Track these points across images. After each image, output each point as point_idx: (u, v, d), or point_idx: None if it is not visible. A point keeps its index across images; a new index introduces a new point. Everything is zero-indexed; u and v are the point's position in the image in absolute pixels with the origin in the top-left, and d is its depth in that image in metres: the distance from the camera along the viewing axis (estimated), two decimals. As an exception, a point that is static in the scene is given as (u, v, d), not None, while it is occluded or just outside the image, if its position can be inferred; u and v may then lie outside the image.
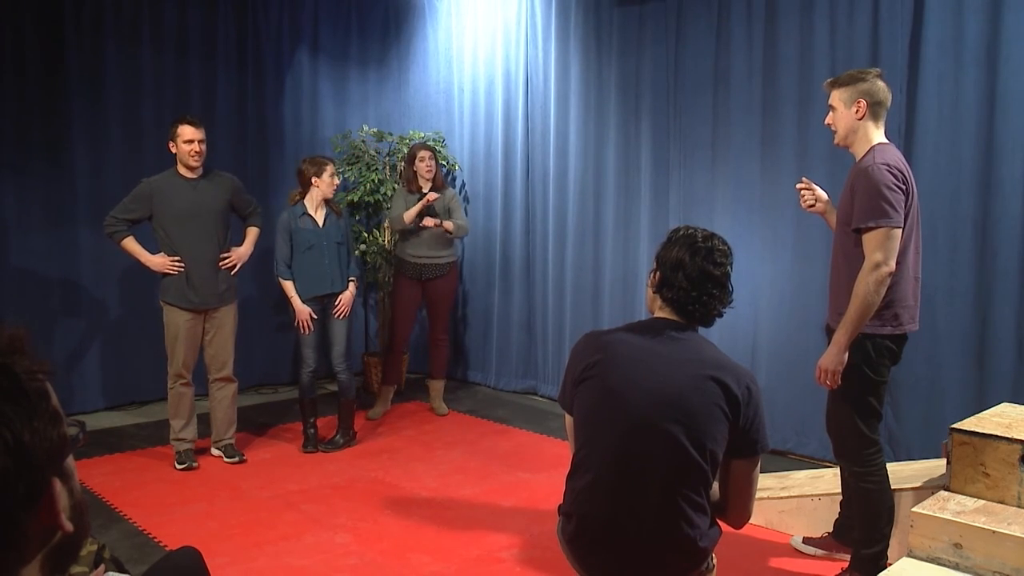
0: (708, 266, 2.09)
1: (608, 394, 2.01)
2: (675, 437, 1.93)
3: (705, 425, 1.95)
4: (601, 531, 2.02)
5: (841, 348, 2.77)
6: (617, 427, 1.98)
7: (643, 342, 2.07)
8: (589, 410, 2.06)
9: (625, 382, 2.00)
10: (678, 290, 2.09)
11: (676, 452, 1.94)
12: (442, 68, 6.49)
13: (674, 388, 1.97)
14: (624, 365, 2.02)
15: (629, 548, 1.99)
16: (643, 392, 1.97)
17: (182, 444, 4.36)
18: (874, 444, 2.89)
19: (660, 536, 1.97)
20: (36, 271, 5.11)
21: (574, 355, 2.14)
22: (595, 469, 2.02)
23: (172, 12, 5.54)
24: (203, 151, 4.24)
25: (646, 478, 1.96)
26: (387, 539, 3.49)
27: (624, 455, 1.98)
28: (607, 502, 2.00)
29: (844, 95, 2.87)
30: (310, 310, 4.58)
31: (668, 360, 2.02)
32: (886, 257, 2.68)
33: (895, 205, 2.69)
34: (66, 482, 0.85)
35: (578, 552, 2.09)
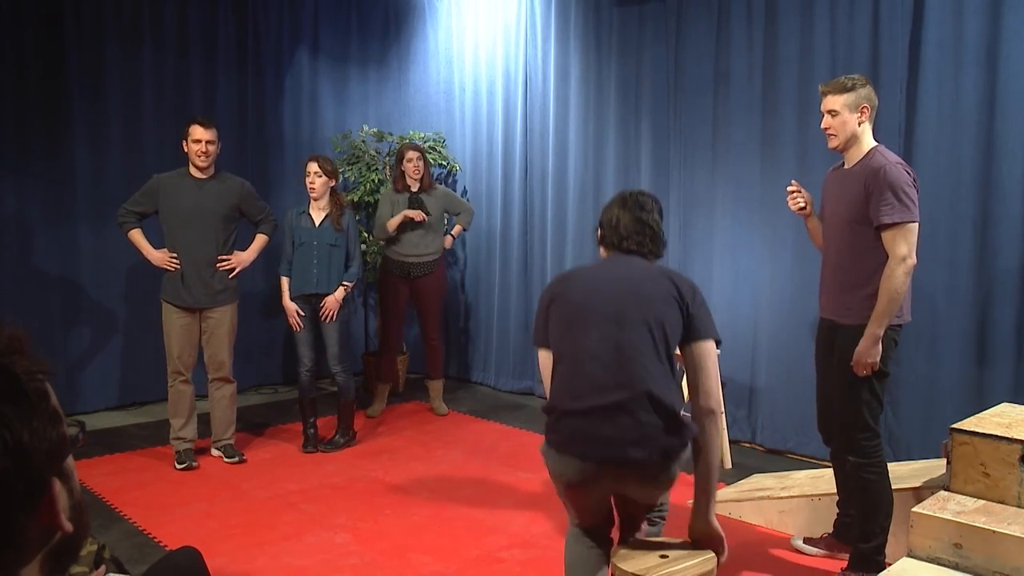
0: (638, 213, 2.50)
1: (574, 306, 2.34)
2: (645, 323, 2.26)
3: (662, 309, 2.29)
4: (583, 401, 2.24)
5: (876, 340, 2.88)
6: (590, 324, 2.29)
7: (598, 266, 2.49)
8: (562, 325, 2.35)
9: (588, 291, 2.36)
10: (614, 236, 2.48)
11: (644, 334, 2.25)
12: (442, 68, 6.49)
13: (633, 283, 2.34)
14: (584, 281, 2.40)
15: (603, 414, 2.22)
16: (606, 293, 2.33)
17: (182, 443, 4.36)
18: (876, 435, 2.96)
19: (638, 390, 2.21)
20: (36, 271, 5.11)
21: (541, 300, 2.48)
22: (577, 362, 2.28)
23: (172, 12, 5.54)
24: (211, 152, 4.24)
25: (626, 352, 2.24)
26: (387, 539, 3.49)
27: (601, 344, 2.25)
28: (584, 378, 2.25)
29: (848, 100, 2.94)
30: (296, 307, 4.59)
31: (624, 270, 2.41)
32: (910, 250, 2.83)
33: (914, 201, 2.84)
34: (66, 482, 0.85)
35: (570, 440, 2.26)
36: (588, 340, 2.28)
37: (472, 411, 5.55)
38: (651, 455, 2.21)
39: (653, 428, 2.21)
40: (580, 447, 2.25)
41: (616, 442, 2.21)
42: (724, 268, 4.85)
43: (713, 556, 2.43)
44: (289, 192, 6.06)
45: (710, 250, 4.91)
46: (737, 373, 4.77)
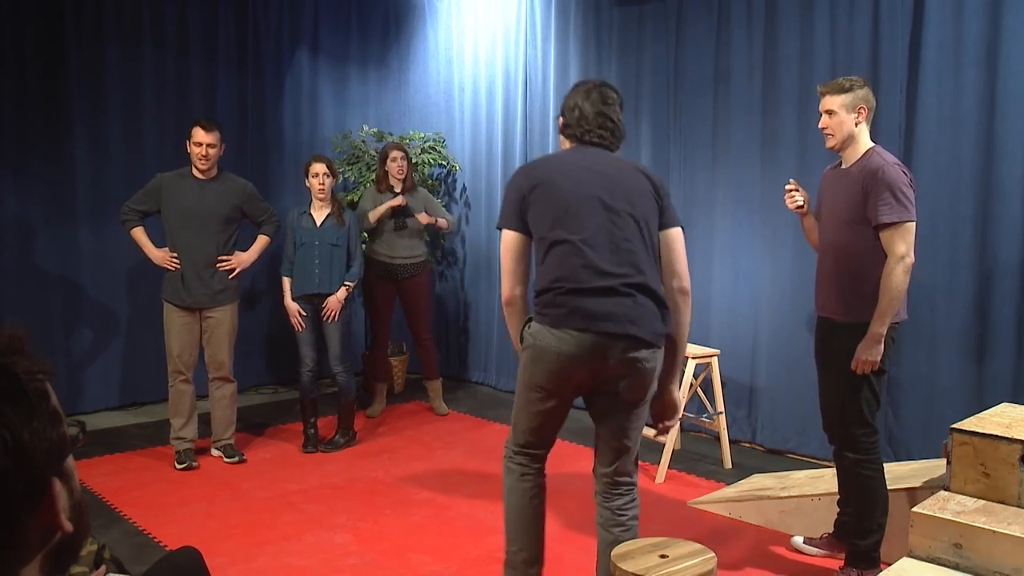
0: (600, 106, 2.55)
1: (565, 193, 2.41)
2: (631, 214, 2.42)
3: (643, 203, 2.46)
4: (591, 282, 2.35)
5: (878, 339, 2.90)
6: (584, 213, 2.39)
7: (572, 156, 2.53)
8: (552, 213, 2.41)
9: (574, 180, 2.43)
10: (578, 128, 2.55)
11: (635, 223, 2.42)
12: (442, 68, 6.49)
13: (614, 176, 2.45)
14: (566, 170, 2.46)
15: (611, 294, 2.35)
16: (592, 184, 2.42)
17: (182, 443, 4.36)
18: (874, 432, 2.99)
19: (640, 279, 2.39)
20: (36, 271, 5.11)
21: (510, 187, 2.52)
22: (576, 248, 2.37)
23: (172, 12, 5.54)
24: (211, 155, 4.24)
25: (618, 239, 2.38)
26: (387, 539, 3.49)
27: (598, 233, 2.38)
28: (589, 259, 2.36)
29: (846, 101, 2.97)
30: (298, 307, 4.59)
31: (601, 161, 2.50)
32: (908, 249, 2.87)
33: (911, 200, 2.87)
34: (66, 482, 0.85)
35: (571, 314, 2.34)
36: (584, 229, 2.37)
37: (472, 411, 5.55)
38: (645, 333, 2.36)
39: (648, 311, 2.38)
40: (581, 321, 2.32)
41: (617, 318, 2.32)
42: (724, 268, 4.85)
43: (713, 556, 2.43)
44: (289, 192, 6.06)
45: (710, 250, 4.91)
46: (737, 373, 4.77)
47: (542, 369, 2.40)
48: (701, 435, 4.91)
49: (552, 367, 2.37)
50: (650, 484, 4.16)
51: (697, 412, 4.58)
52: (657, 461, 4.28)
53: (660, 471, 4.21)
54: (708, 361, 4.41)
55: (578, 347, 2.32)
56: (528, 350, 2.42)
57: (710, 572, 2.40)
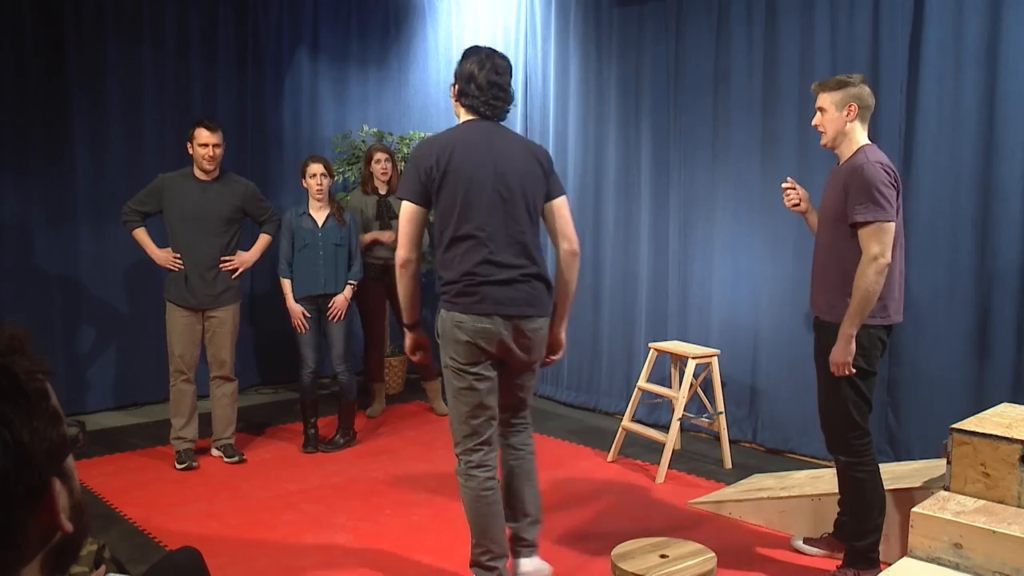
0: (493, 76, 2.80)
1: (469, 184, 2.67)
2: (523, 201, 2.74)
3: (533, 187, 2.78)
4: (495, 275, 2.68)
5: (849, 340, 2.88)
6: (485, 208, 2.68)
7: (473, 138, 2.73)
8: (459, 205, 2.67)
9: (477, 168, 2.68)
10: (473, 97, 2.78)
11: (529, 212, 2.76)
12: (442, 68, 6.49)
13: (509, 162, 2.73)
14: (469, 158, 2.68)
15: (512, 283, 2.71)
16: (492, 174, 2.69)
17: (182, 443, 4.37)
18: (866, 434, 2.98)
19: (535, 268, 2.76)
20: (36, 271, 5.11)
21: (417, 163, 2.71)
22: (481, 243, 2.68)
23: (172, 12, 5.54)
24: (218, 155, 4.26)
25: (514, 232, 2.72)
26: (387, 539, 3.49)
27: (499, 228, 2.69)
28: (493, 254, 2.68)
29: (835, 98, 2.96)
30: (302, 309, 4.59)
31: (499, 145, 2.75)
32: (883, 250, 2.82)
33: (889, 200, 2.83)
34: (66, 482, 0.85)
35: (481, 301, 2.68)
36: (487, 225, 2.69)
37: (472, 411, 5.54)
38: (539, 310, 2.78)
39: (540, 292, 2.79)
40: (490, 306, 2.68)
41: (518, 302, 2.72)
42: (724, 268, 4.85)
43: (713, 556, 2.45)
44: (289, 192, 6.06)
45: (710, 250, 4.91)
46: (737, 373, 4.77)
47: (464, 350, 2.70)
48: (701, 435, 4.91)
49: (472, 346, 2.70)
50: (650, 484, 4.16)
51: (697, 412, 4.58)
52: (657, 461, 4.28)
53: (660, 471, 4.21)
54: (708, 361, 4.41)
55: (491, 325, 2.68)
56: (447, 335, 2.72)
57: (710, 572, 2.40)
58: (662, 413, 5.04)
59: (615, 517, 3.74)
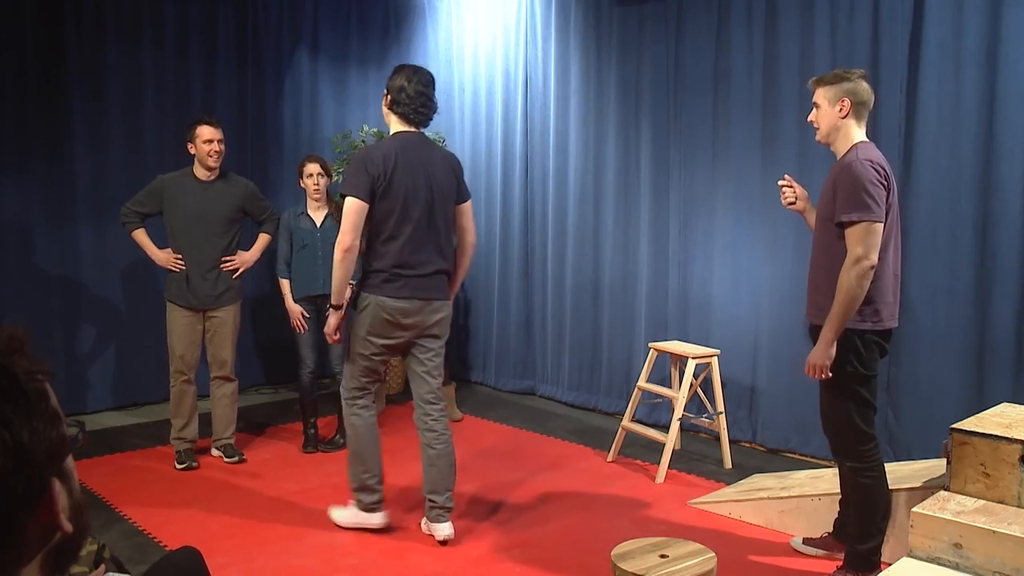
0: (420, 87, 3.31)
1: (406, 192, 3.24)
2: (444, 209, 3.36)
3: (449, 196, 3.39)
4: (417, 270, 3.29)
5: (828, 343, 2.84)
6: (416, 214, 3.26)
7: (416, 155, 3.28)
8: (396, 206, 3.23)
9: (412, 177, 3.25)
10: (404, 106, 3.31)
11: (445, 217, 3.37)
12: (442, 68, 6.49)
13: (433, 175, 3.31)
14: (405, 168, 3.23)
15: (428, 276, 3.32)
16: (422, 186, 3.27)
17: (182, 443, 4.37)
18: (871, 439, 2.94)
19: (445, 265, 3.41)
20: (36, 271, 5.11)
21: (365, 168, 3.20)
22: (409, 242, 3.26)
23: (172, 12, 5.54)
24: (222, 151, 4.28)
25: (433, 235, 3.32)
26: (387, 539, 3.49)
27: (426, 232, 3.29)
28: (418, 250, 3.28)
29: (828, 93, 2.94)
30: (301, 309, 4.59)
31: (425, 156, 3.31)
32: (867, 250, 2.75)
33: (877, 200, 2.75)
34: (65, 482, 0.85)
35: (404, 287, 3.28)
36: (417, 229, 3.27)
37: (472, 411, 5.55)
38: (445, 296, 3.42)
39: (444, 284, 3.42)
40: (410, 292, 3.28)
41: (431, 289, 3.34)
42: (724, 268, 4.85)
43: (713, 556, 2.44)
44: (289, 192, 6.06)
45: (710, 250, 4.91)
46: (737, 373, 4.77)
47: (382, 322, 3.29)
48: (701, 435, 4.91)
49: (391, 321, 3.29)
50: (650, 484, 4.16)
51: (697, 412, 4.58)
52: (657, 461, 4.28)
53: (660, 471, 4.21)
54: (708, 361, 4.41)
55: (409, 306, 3.29)
56: (369, 311, 3.28)
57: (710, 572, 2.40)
58: (662, 413, 5.04)
59: (615, 517, 3.74)
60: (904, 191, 3.90)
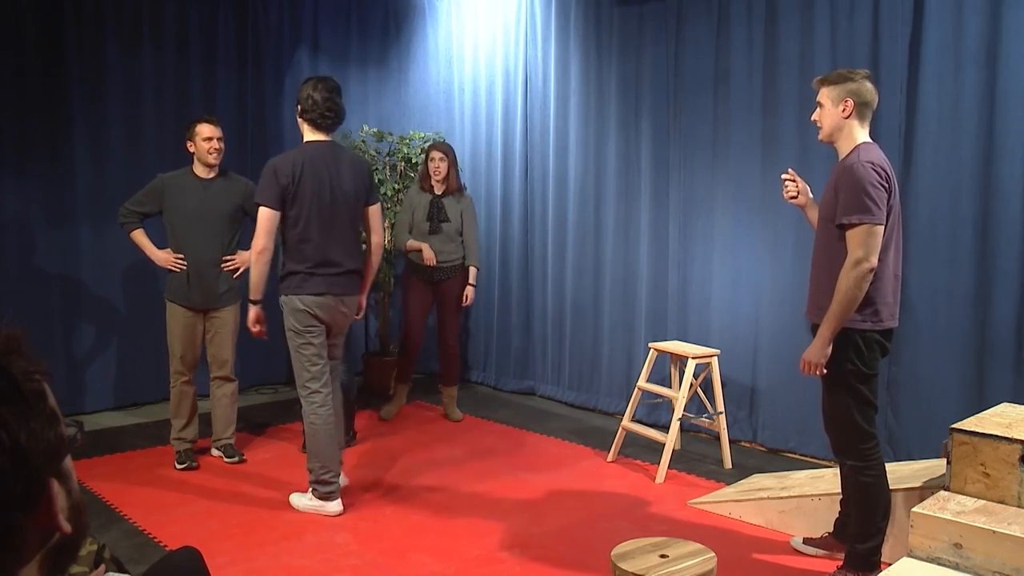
0: (327, 93, 3.58)
1: (313, 198, 3.55)
2: (351, 212, 3.68)
3: (359, 198, 3.71)
4: (329, 269, 3.61)
5: (825, 341, 2.86)
6: (325, 212, 3.57)
7: (322, 163, 3.58)
8: (304, 211, 3.55)
9: (321, 185, 3.56)
10: (312, 112, 3.58)
11: (352, 220, 3.70)
12: (442, 68, 6.49)
13: (350, 186, 3.64)
14: (316, 179, 3.55)
15: (340, 275, 3.65)
16: (332, 192, 3.58)
17: (182, 444, 4.36)
18: (872, 438, 2.95)
19: (355, 265, 3.73)
20: (36, 270, 5.11)
21: (274, 178, 3.51)
22: (317, 237, 3.57)
23: (172, 12, 5.54)
24: (222, 148, 4.29)
25: (342, 237, 3.64)
26: (387, 539, 3.49)
27: (331, 225, 3.60)
28: (328, 251, 3.60)
29: (832, 93, 2.94)
30: None
31: (333, 164, 3.60)
32: (867, 253, 2.76)
33: (878, 202, 2.76)
34: (64, 483, 0.84)
35: (320, 284, 3.60)
36: (327, 233, 3.58)
37: (472, 411, 5.55)
38: (353, 292, 3.74)
39: (355, 280, 3.74)
40: (326, 288, 3.61)
41: (343, 285, 3.67)
42: (724, 268, 4.85)
43: (713, 556, 2.44)
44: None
45: (710, 250, 4.91)
46: (737, 373, 4.77)
47: (306, 317, 3.62)
48: (701, 435, 4.90)
49: (314, 315, 3.63)
50: (650, 484, 4.16)
51: (697, 412, 4.58)
52: (657, 461, 4.28)
53: (660, 471, 4.21)
54: (708, 361, 4.41)
55: (324, 300, 3.62)
56: (293, 309, 3.63)
57: (710, 572, 2.40)
58: (662, 413, 5.04)
59: (615, 517, 3.74)
60: (904, 191, 3.90)
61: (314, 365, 3.68)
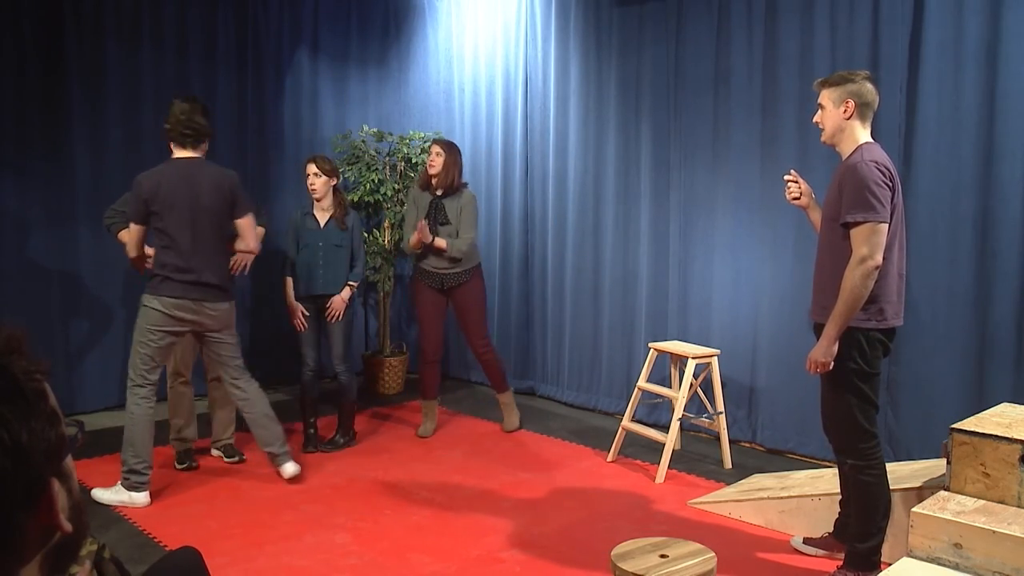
0: (185, 112, 3.82)
1: (172, 208, 3.78)
2: (213, 226, 3.87)
3: (221, 212, 3.89)
4: (188, 275, 3.82)
5: (831, 340, 2.86)
6: (185, 225, 3.80)
7: (183, 178, 3.81)
8: (163, 223, 3.78)
9: (178, 202, 3.79)
10: (172, 130, 3.85)
11: (212, 231, 3.87)
12: (442, 68, 6.49)
13: (209, 201, 3.84)
14: (174, 194, 3.78)
15: (198, 283, 3.84)
16: (196, 206, 3.81)
17: (182, 444, 4.37)
18: (873, 437, 2.95)
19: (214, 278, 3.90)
20: (36, 270, 5.11)
21: (137, 195, 3.79)
22: (179, 247, 3.80)
23: (172, 12, 5.54)
24: None
25: (202, 246, 3.84)
26: (387, 539, 3.49)
27: (193, 236, 3.82)
28: (186, 261, 3.81)
29: (833, 95, 2.95)
30: (301, 307, 4.61)
31: (194, 179, 3.83)
32: (872, 251, 2.77)
33: (882, 200, 2.78)
34: (64, 482, 0.85)
35: (178, 289, 3.81)
36: (187, 244, 3.80)
37: (472, 411, 5.54)
38: (210, 298, 3.89)
39: (212, 290, 3.89)
40: (183, 293, 3.81)
41: (200, 291, 3.84)
42: (724, 268, 4.85)
43: (713, 556, 2.44)
44: (289, 192, 6.06)
45: (710, 250, 4.91)
46: (737, 373, 4.77)
47: (161, 319, 3.81)
48: (701, 435, 4.90)
49: (168, 315, 3.82)
50: (650, 484, 4.16)
51: (697, 412, 4.58)
52: (657, 461, 4.28)
53: (660, 471, 4.21)
54: (708, 361, 4.41)
55: (181, 302, 3.83)
56: (151, 310, 3.81)
57: (710, 572, 2.40)
58: (662, 413, 5.04)
59: (615, 517, 3.74)
60: (904, 191, 3.89)
61: (145, 365, 3.85)
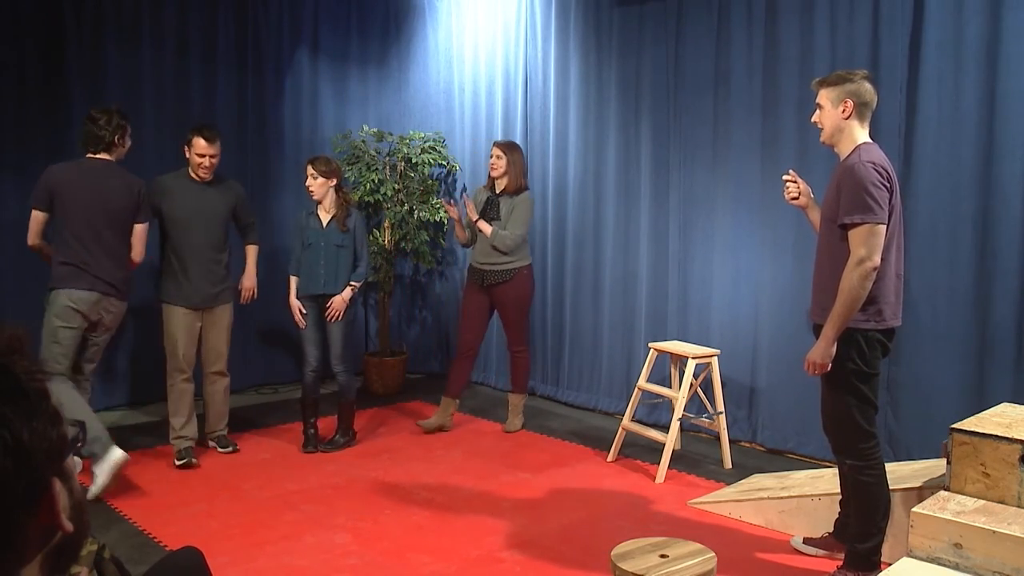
0: (89, 122, 4.01)
1: (76, 205, 3.93)
2: (115, 226, 4.00)
3: (125, 216, 4.05)
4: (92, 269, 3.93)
5: (829, 341, 2.86)
6: (88, 222, 3.93)
7: (87, 176, 3.97)
8: (66, 216, 3.93)
9: (82, 198, 3.94)
10: (88, 139, 4.01)
11: (113, 231, 4.01)
12: (442, 68, 6.49)
13: (112, 201, 3.99)
14: (79, 190, 3.94)
15: (104, 275, 3.97)
16: (95, 205, 3.95)
17: (182, 442, 4.38)
18: (872, 437, 2.95)
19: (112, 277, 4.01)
20: (36, 271, 5.09)
21: (44, 179, 3.95)
22: (79, 243, 3.92)
23: (172, 12, 5.54)
24: (213, 165, 4.36)
25: (103, 243, 3.97)
26: (387, 539, 3.49)
27: (104, 244, 3.97)
28: (90, 255, 3.94)
29: (831, 94, 2.95)
30: (299, 305, 4.64)
31: (104, 184, 3.98)
32: (870, 252, 2.77)
33: (880, 202, 2.78)
34: (66, 482, 0.85)
35: (85, 281, 3.91)
36: (90, 240, 3.93)
37: (472, 411, 5.55)
38: (116, 293, 4.01)
39: (118, 285, 4.02)
40: (91, 285, 3.92)
41: (105, 285, 3.96)
42: (724, 268, 4.85)
43: (713, 556, 2.44)
44: (289, 192, 6.06)
45: (710, 250, 4.91)
46: (737, 373, 4.77)
47: (69, 310, 3.90)
48: (701, 435, 4.91)
49: (75, 310, 3.90)
50: (650, 484, 4.16)
51: (697, 412, 4.58)
52: (657, 461, 4.28)
53: (660, 471, 4.21)
54: (708, 361, 4.41)
55: (86, 296, 3.91)
56: (55, 299, 3.90)
57: (710, 572, 2.40)
58: (662, 413, 5.04)
59: (615, 517, 3.74)
60: (904, 191, 3.90)
61: (59, 364, 3.88)
